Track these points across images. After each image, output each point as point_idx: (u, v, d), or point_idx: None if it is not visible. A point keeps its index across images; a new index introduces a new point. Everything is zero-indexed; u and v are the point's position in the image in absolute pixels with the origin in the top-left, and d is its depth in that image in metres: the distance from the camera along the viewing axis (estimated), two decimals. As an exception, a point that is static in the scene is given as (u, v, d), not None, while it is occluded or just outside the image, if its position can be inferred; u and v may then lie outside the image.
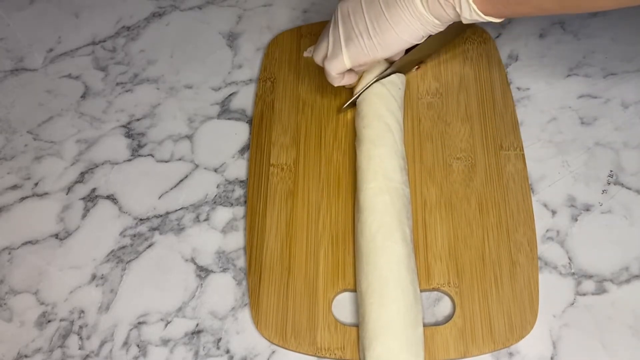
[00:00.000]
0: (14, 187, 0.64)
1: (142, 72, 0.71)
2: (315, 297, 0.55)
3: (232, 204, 0.62)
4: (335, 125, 0.65)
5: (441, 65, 0.68)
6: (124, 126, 0.68)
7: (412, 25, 0.54)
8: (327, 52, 0.59)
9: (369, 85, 0.62)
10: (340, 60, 0.57)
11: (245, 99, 0.69)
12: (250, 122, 0.67)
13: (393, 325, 0.51)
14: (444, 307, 0.56)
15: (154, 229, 0.61)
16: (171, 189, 0.63)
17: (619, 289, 0.56)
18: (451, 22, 0.54)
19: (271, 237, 0.58)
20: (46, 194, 0.64)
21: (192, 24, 0.75)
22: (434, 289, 0.56)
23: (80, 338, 0.56)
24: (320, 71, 0.68)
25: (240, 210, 0.62)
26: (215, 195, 0.63)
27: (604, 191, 0.60)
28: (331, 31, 0.57)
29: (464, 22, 0.53)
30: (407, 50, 0.62)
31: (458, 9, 0.51)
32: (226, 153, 0.65)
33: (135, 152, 0.66)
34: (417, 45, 0.61)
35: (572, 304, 0.55)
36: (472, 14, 0.50)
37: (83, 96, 0.70)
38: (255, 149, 0.64)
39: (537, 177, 0.61)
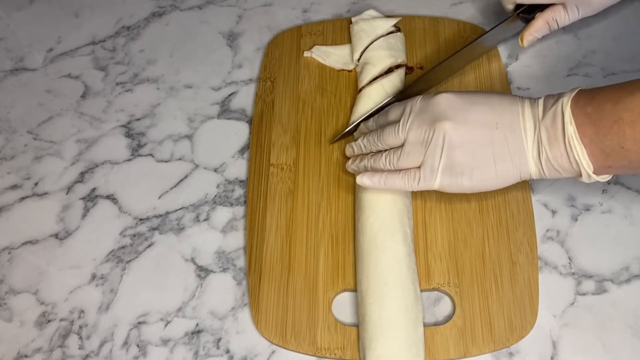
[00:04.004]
0: (14, 187, 0.64)
1: (142, 72, 0.71)
2: (315, 297, 0.55)
3: (232, 204, 0.62)
4: (335, 125, 0.65)
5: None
6: (124, 126, 0.68)
7: (515, 179, 0.51)
8: (406, 162, 0.52)
9: (364, 119, 0.61)
10: (429, 185, 0.51)
11: (245, 99, 0.69)
12: (250, 121, 0.67)
13: (393, 325, 0.51)
14: (444, 307, 0.56)
15: (154, 229, 0.61)
16: (171, 188, 0.63)
17: (619, 289, 0.56)
18: None
19: (271, 236, 0.58)
20: (46, 193, 0.64)
21: (192, 24, 0.75)
22: (434, 289, 0.56)
23: (80, 338, 0.56)
24: (320, 71, 0.68)
25: (240, 210, 0.62)
26: (215, 195, 0.63)
27: (604, 191, 0.60)
28: (430, 151, 0.50)
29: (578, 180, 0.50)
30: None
31: (577, 177, 0.49)
32: (226, 153, 0.65)
33: (135, 152, 0.66)
34: (423, 75, 0.63)
35: (572, 304, 0.55)
36: (590, 179, 0.48)
37: (83, 96, 0.70)
38: (255, 149, 0.64)
39: (537, 177, 0.61)
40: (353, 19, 0.69)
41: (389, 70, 0.65)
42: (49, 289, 0.58)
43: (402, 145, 0.52)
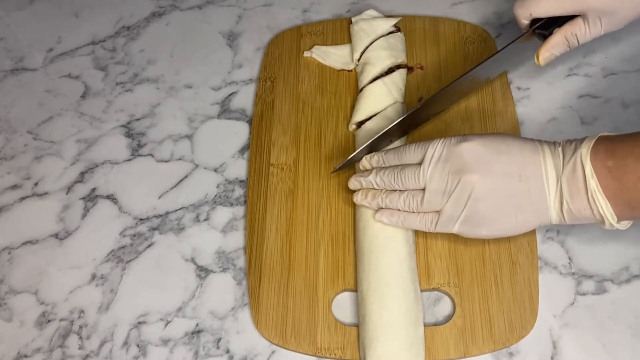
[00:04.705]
0: (14, 187, 0.64)
1: (142, 72, 0.71)
2: (315, 297, 0.55)
3: (232, 204, 0.62)
4: (335, 125, 0.65)
5: (441, 65, 0.68)
6: (124, 126, 0.68)
7: (534, 227, 0.51)
8: (425, 206, 0.52)
9: (368, 146, 0.59)
10: (447, 230, 0.52)
11: (245, 99, 0.69)
12: (250, 121, 0.67)
13: (394, 325, 0.51)
14: (444, 307, 0.56)
15: (154, 229, 0.61)
16: (171, 188, 0.63)
17: (619, 289, 0.56)
18: None
19: (271, 236, 0.58)
20: (46, 193, 0.64)
21: (192, 24, 0.75)
22: (434, 289, 0.56)
23: (80, 338, 0.56)
24: (320, 71, 0.68)
25: (240, 210, 0.62)
26: (215, 195, 0.63)
27: (604, 191, 0.60)
28: (453, 201, 0.50)
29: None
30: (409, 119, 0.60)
31: (600, 224, 0.49)
32: (226, 153, 0.65)
33: (135, 152, 0.66)
34: (426, 102, 0.60)
35: (572, 304, 0.55)
36: (613, 227, 0.48)
37: (83, 96, 0.70)
38: (255, 149, 0.64)
39: (537, 177, 0.61)
40: (353, 19, 0.69)
41: (390, 71, 0.65)
42: (49, 289, 0.58)
43: (421, 189, 0.52)
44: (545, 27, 0.58)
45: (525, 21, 0.59)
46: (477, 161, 0.49)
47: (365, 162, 0.57)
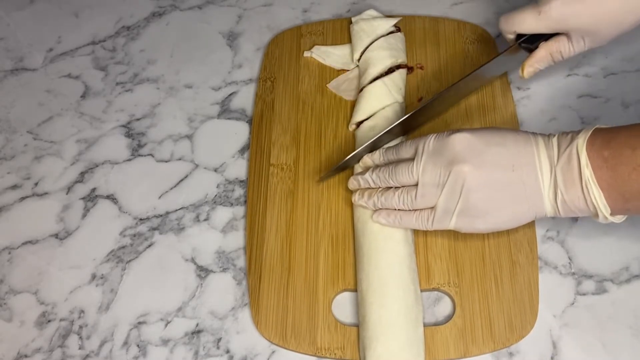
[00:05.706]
0: (14, 187, 0.64)
1: (142, 71, 0.71)
2: (315, 297, 0.55)
3: (232, 204, 0.62)
4: (335, 125, 0.65)
5: (441, 65, 0.68)
6: (124, 126, 0.68)
7: (529, 219, 0.50)
8: (422, 203, 0.51)
9: (357, 153, 0.59)
10: (444, 226, 0.51)
11: (245, 99, 0.69)
12: (250, 121, 0.67)
13: (394, 325, 0.51)
14: (444, 307, 0.56)
15: (154, 229, 0.61)
16: (171, 188, 0.63)
17: (619, 289, 0.56)
18: None
19: (271, 237, 0.58)
20: (46, 193, 0.64)
21: (192, 24, 0.75)
22: (434, 289, 0.56)
23: (80, 338, 0.56)
24: (320, 71, 0.68)
25: (240, 210, 0.62)
26: (215, 195, 0.63)
27: (604, 191, 0.60)
28: (446, 194, 0.49)
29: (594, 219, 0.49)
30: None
31: (594, 217, 0.48)
32: (226, 153, 0.65)
33: (135, 152, 0.66)
34: (424, 106, 0.60)
35: (572, 304, 0.55)
36: (607, 220, 0.48)
37: (83, 96, 0.70)
38: (255, 149, 0.64)
39: (537, 177, 0.61)
40: (353, 19, 0.69)
41: (390, 71, 0.65)
42: (49, 289, 0.58)
43: (415, 185, 0.51)
44: (531, 41, 0.59)
45: (510, 36, 0.59)
46: (469, 152, 0.49)
47: (367, 159, 0.58)
